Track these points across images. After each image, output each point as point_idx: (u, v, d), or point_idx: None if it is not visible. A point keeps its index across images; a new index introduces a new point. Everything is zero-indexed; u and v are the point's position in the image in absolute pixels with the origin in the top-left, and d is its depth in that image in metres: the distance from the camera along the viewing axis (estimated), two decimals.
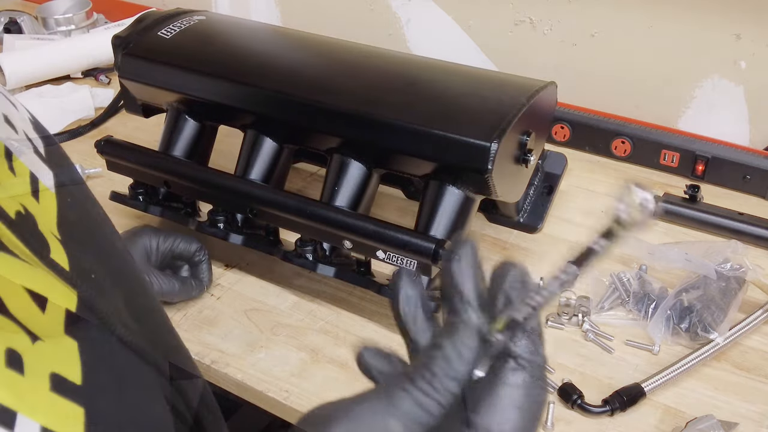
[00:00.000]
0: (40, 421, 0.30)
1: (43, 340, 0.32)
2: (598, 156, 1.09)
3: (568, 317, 0.82)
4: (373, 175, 0.83)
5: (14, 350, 0.30)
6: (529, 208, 0.96)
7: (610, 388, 0.73)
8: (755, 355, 0.78)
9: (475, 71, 0.91)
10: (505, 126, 0.74)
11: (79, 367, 0.33)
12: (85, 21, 1.45)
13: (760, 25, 1.00)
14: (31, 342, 0.31)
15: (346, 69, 0.90)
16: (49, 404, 0.31)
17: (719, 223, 0.93)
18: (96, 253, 0.40)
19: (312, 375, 0.77)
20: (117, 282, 0.40)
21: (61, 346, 0.33)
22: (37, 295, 0.33)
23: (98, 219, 0.44)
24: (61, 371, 0.32)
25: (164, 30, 0.93)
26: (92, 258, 0.38)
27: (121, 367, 0.37)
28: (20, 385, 0.30)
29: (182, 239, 0.85)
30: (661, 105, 1.12)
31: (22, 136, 0.39)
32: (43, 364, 0.32)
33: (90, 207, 0.43)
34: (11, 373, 0.30)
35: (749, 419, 0.71)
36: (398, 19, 1.29)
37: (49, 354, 0.32)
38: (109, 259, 0.42)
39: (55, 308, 0.34)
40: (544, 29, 1.16)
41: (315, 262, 0.82)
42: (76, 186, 0.41)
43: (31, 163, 0.37)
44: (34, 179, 0.36)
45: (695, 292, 0.80)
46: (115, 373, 0.37)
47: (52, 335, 0.33)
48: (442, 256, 0.61)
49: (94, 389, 0.34)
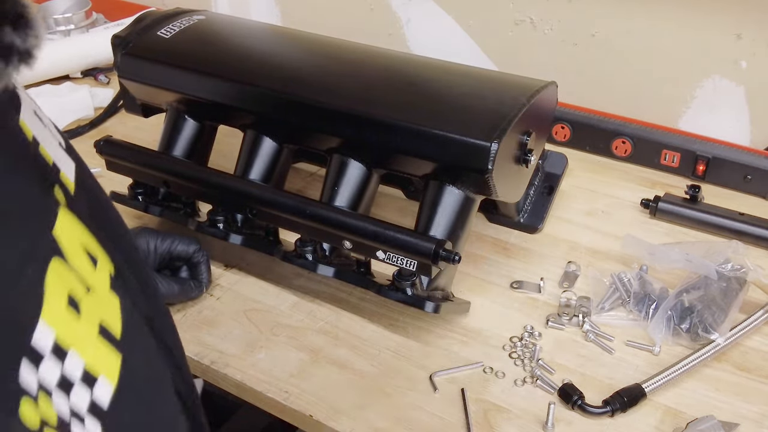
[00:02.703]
0: (87, 360, 0.34)
1: (95, 291, 0.36)
2: (598, 156, 1.09)
3: (569, 318, 0.82)
4: (373, 175, 0.83)
5: (73, 296, 0.34)
6: (529, 208, 0.95)
7: (611, 388, 0.73)
8: (756, 356, 0.78)
9: (475, 71, 0.91)
10: (505, 126, 0.74)
11: (120, 322, 0.38)
12: (85, 21, 1.45)
13: (760, 24, 1.00)
14: (86, 291, 0.35)
15: (346, 69, 0.90)
16: (95, 347, 0.35)
17: (720, 224, 0.93)
18: (113, 241, 0.42)
19: (312, 375, 0.77)
20: (131, 268, 0.43)
21: (108, 301, 0.37)
22: (90, 254, 0.37)
23: (111, 211, 0.47)
24: (106, 322, 0.37)
25: (164, 30, 0.93)
26: (111, 245, 0.41)
27: (145, 340, 0.41)
28: (75, 326, 0.34)
29: (180, 240, 0.85)
30: (661, 105, 1.12)
31: (50, 129, 0.41)
32: (94, 312, 0.36)
33: (104, 199, 0.46)
34: (70, 314, 0.34)
35: (750, 420, 0.71)
36: (398, 19, 1.29)
37: (98, 304, 0.36)
38: (124, 247, 0.44)
39: (103, 267, 0.38)
40: (544, 29, 1.16)
41: (315, 262, 0.82)
42: (92, 179, 0.44)
43: (56, 154, 0.40)
44: (56, 169, 0.39)
45: (696, 292, 0.80)
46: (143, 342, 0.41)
47: (101, 290, 0.37)
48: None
49: (129, 344, 0.38)
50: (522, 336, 0.80)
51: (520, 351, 0.79)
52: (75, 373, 0.33)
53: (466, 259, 0.86)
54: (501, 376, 0.76)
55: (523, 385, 0.75)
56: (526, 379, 0.76)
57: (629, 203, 1.00)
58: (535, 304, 0.85)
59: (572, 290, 0.85)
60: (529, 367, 0.77)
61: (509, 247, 0.94)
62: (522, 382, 0.75)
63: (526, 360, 0.78)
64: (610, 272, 0.85)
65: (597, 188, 1.03)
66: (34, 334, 0.31)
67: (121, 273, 0.40)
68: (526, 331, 0.81)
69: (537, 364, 0.77)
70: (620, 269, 0.86)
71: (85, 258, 0.36)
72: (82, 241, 0.37)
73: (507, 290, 0.87)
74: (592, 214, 0.98)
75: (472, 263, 0.90)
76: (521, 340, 0.80)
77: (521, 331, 0.81)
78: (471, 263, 0.90)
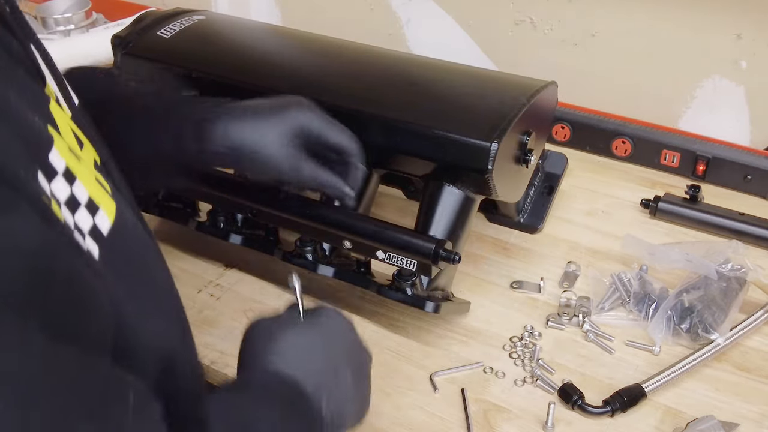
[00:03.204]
0: (90, 192, 0.38)
1: (83, 162, 0.39)
2: (598, 156, 1.09)
3: (569, 318, 0.82)
4: (373, 175, 0.83)
5: (72, 149, 0.38)
6: (529, 208, 0.95)
7: (611, 388, 0.73)
8: (756, 356, 0.78)
9: (475, 71, 0.91)
10: (505, 126, 0.74)
11: (108, 186, 0.41)
12: (85, 20, 1.45)
13: (760, 24, 1.00)
14: (78, 159, 0.38)
15: (346, 69, 0.90)
16: (95, 186, 0.39)
17: (720, 224, 0.93)
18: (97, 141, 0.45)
19: None
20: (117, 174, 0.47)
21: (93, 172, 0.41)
22: (77, 137, 0.41)
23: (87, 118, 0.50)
24: (99, 178, 0.41)
25: (164, 30, 0.93)
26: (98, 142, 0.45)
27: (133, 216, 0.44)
28: (79, 166, 0.38)
29: (343, 131, 0.71)
30: (661, 105, 1.12)
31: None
32: (88, 167, 0.40)
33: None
34: (74, 158, 0.37)
35: (750, 420, 0.71)
36: (398, 19, 1.29)
37: (89, 167, 0.40)
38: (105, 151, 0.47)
39: (88, 152, 0.41)
40: (544, 29, 1.16)
41: (315, 262, 0.82)
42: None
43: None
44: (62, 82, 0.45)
45: (696, 292, 0.80)
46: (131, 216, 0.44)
47: (88, 163, 0.40)
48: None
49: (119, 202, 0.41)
50: (522, 336, 0.80)
51: (520, 351, 0.79)
52: (81, 197, 0.37)
53: (466, 259, 0.86)
54: (501, 376, 0.76)
55: (523, 385, 0.75)
56: (526, 379, 0.76)
57: (629, 203, 1.00)
58: (535, 304, 0.85)
59: (572, 290, 0.85)
60: (529, 367, 0.77)
61: (509, 247, 0.94)
62: (522, 382, 0.75)
63: (526, 360, 0.78)
64: (610, 272, 0.85)
65: (597, 188, 1.03)
66: (50, 154, 0.35)
67: (106, 166, 0.43)
68: (526, 331, 0.81)
69: (537, 364, 0.77)
70: (620, 269, 0.86)
71: (72, 138, 0.39)
72: (70, 125, 0.40)
73: (507, 290, 0.87)
74: (592, 214, 0.98)
75: (472, 263, 0.90)
76: (521, 340, 0.80)
77: (521, 331, 0.81)
78: (471, 263, 0.90)
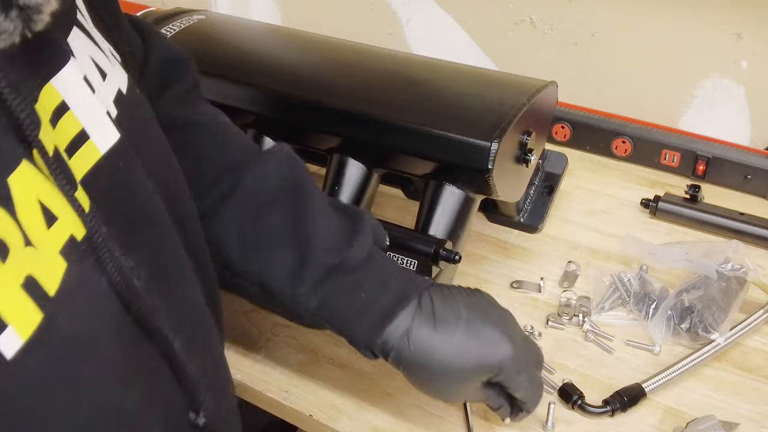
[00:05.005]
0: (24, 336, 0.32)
1: (36, 248, 0.34)
2: (598, 156, 1.09)
3: (569, 317, 0.82)
4: (373, 175, 0.83)
5: (5, 242, 0.33)
6: (529, 208, 0.95)
7: (611, 388, 0.73)
8: (756, 356, 0.78)
9: (475, 70, 0.91)
10: (505, 125, 0.74)
11: (58, 284, 0.35)
12: None
13: (761, 24, 1.00)
14: (24, 245, 0.33)
15: (346, 68, 0.90)
16: (13, 297, 0.33)
17: (720, 223, 0.93)
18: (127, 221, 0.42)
19: (311, 375, 0.77)
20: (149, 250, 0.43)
21: (50, 261, 0.35)
22: (50, 212, 0.35)
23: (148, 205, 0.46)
24: (39, 277, 0.34)
25: (164, 29, 0.93)
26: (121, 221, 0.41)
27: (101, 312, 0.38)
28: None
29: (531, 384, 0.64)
30: (661, 105, 1.12)
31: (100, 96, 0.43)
32: (24, 264, 0.34)
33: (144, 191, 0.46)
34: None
35: (750, 420, 0.71)
36: (398, 19, 1.29)
37: (34, 260, 0.34)
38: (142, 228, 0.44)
39: (60, 230, 0.36)
40: (544, 29, 1.16)
41: None
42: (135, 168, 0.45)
43: (100, 122, 0.41)
44: (83, 135, 0.40)
45: (696, 292, 0.80)
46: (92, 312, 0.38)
47: (46, 250, 0.35)
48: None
49: (61, 308, 0.35)
50: None
51: None
52: None
53: (466, 259, 0.86)
54: None
55: None
56: None
57: (629, 203, 1.00)
58: (535, 304, 0.85)
59: (572, 290, 0.85)
60: None
61: (509, 247, 0.94)
62: None
63: None
64: (610, 272, 0.85)
65: (597, 188, 1.03)
66: None
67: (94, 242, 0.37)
68: (526, 330, 0.81)
69: None
70: (620, 269, 0.86)
71: (38, 215, 0.35)
72: (40, 196, 0.35)
73: (507, 290, 0.87)
74: (592, 214, 0.98)
75: (472, 263, 0.90)
76: None
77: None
78: (471, 263, 0.90)
